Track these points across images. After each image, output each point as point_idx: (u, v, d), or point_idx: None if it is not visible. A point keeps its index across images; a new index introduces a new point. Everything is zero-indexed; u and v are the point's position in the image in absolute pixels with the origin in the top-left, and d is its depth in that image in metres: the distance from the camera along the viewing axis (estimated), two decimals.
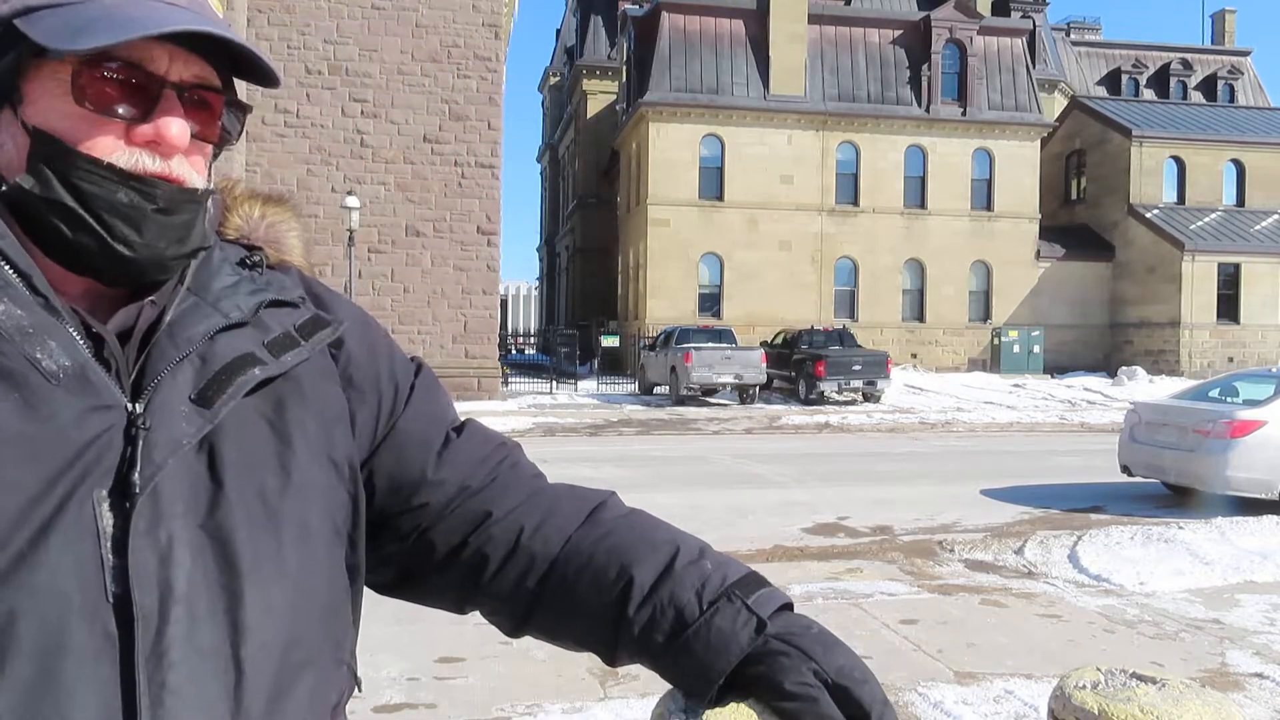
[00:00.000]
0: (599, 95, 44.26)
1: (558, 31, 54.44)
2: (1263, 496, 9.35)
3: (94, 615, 0.68)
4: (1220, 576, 6.85)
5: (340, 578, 0.86)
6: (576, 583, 0.91)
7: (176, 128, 0.78)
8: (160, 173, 0.78)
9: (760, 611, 0.84)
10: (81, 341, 0.75)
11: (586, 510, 0.96)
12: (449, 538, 0.95)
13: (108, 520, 0.71)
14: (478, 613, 0.98)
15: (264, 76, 0.84)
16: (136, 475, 0.72)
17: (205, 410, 0.77)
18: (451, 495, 0.95)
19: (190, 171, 0.80)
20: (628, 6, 37.74)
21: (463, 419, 1.03)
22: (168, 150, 0.78)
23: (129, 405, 0.74)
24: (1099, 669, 1.21)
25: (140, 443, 0.73)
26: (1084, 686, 1.18)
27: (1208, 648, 5.39)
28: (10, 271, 0.73)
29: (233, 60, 0.83)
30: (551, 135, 57.53)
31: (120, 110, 0.76)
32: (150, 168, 0.77)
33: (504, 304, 61.76)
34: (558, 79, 55.09)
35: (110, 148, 0.76)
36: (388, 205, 21.95)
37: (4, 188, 0.76)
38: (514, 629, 0.97)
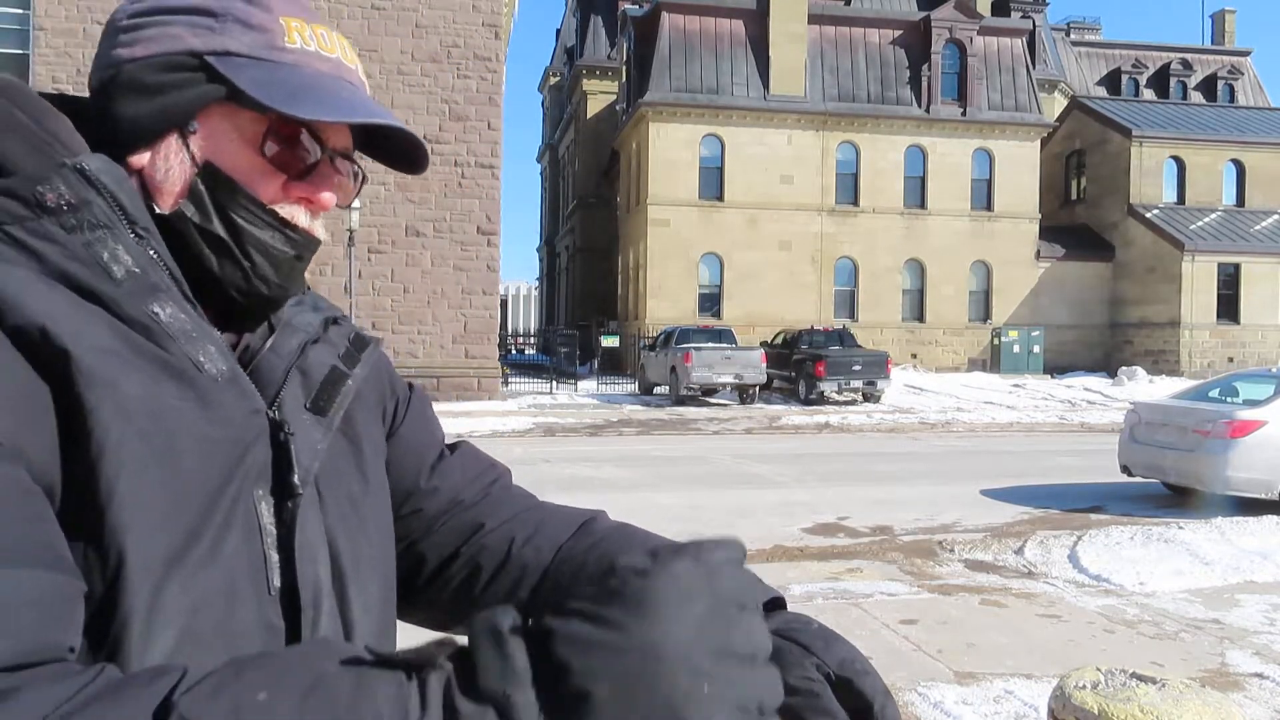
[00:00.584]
0: (599, 95, 44.27)
1: (558, 31, 54.46)
2: (1263, 496, 9.36)
3: (261, 607, 0.73)
4: (1220, 576, 6.85)
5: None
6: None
7: (329, 193, 0.85)
8: (308, 228, 0.84)
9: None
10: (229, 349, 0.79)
11: (577, 523, 0.98)
12: (441, 550, 0.97)
13: (267, 519, 0.76)
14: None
15: (411, 164, 0.90)
16: (295, 477, 0.77)
17: (322, 419, 0.83)
18: (444, 507, 0.98)
19: (320, 226, 0.87)
20: (628, 6, 37.75)
21: (456, 439, 1.07)
22: (318, 210, 0.85)
23: (269, 412, 0.79)
24: (1099, 669, 1.21)
25: (292, 446, 0.78)
26: (1084, 686, 1.18)
27: (1208, 648, 5.39)
28: (169, 277, 0.76)
29: (366, 137, 0.90)
30: (551, 135, 57.53)
31: (290, 167, 0.82)
32: (302, 223, 0.84)
33: (504, 304, 61.77)
34: (558, 79, 55.10)
35: (273, 196, 0.82)
36: (388, 205, 21.95)
37: (163, 209, 0.79)
38: None
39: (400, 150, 0.90)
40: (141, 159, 0.79)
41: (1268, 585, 6.69)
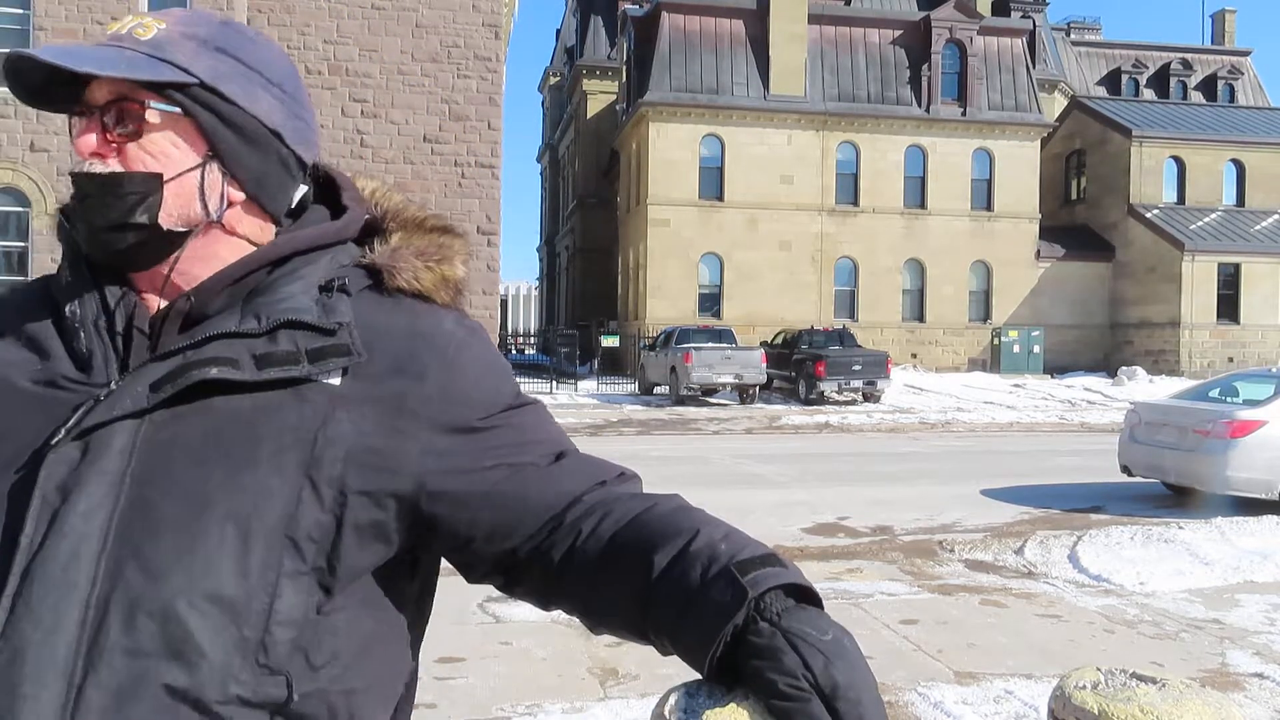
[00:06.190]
0: (599, 95, 44.25)
1: (558, 31, 54.44)
2: (1263, 496, 9.35)
3: None
4: (1220, 576, 6.84)
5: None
6: (610, 567, 0.96)
7: (82, 140, 0.93)
8: (80, 170, 0.94)
9: (752, 588, 0.84)
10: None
11: (642, 506, 1.03)
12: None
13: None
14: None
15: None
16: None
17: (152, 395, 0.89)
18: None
19: (102, 164, 0.93)
20: (628, 6, 37.73)
21: (563, 450, 1.10)
22: (81, 154, 0.95)
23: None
24: (1099, 669, 1.21)
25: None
26: (1084, 686, 1.18)
27: (1208, 648, 5.39)
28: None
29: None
30: (551, 135, 57.52)
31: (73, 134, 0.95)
32: (79, 168, 0.95)
33: (504, 304, 61.69)
34: (558, 79, 55.08)
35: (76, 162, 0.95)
36: None
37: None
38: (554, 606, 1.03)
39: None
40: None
41: (1268, 585, 6.69)
